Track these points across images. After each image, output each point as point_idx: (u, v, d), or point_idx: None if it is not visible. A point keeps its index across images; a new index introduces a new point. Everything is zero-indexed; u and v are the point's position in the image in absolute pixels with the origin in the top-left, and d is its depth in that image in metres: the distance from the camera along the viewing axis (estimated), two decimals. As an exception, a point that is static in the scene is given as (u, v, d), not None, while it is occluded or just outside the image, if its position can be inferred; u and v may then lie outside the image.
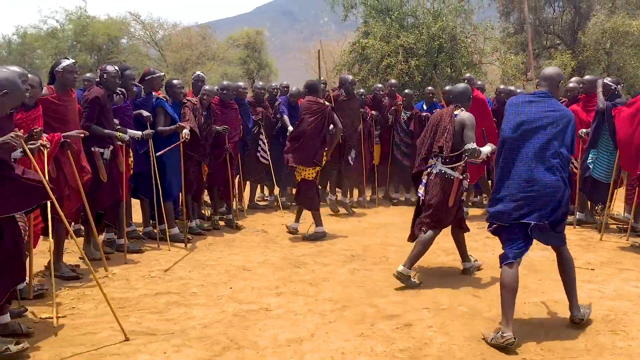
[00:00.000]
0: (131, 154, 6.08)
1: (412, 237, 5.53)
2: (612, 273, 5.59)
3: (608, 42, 15.16)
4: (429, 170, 5.24)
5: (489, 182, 9.21)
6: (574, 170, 7.49)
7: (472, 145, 4.94)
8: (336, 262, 5.87)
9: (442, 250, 6.43)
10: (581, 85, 7.69)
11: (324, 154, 7.00)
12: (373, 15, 11.96)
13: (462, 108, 5.22)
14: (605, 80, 6.93)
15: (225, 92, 7.43)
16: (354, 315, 4.37)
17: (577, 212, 7.62)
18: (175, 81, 6.81)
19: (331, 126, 7.03)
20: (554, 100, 4.11)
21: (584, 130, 7.12)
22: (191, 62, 28.14)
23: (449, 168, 5.12)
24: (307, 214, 7.21)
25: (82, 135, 4.83)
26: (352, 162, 8.63)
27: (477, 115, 5.95)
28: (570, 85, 7.95)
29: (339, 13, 12.96)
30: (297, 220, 7.18)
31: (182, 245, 6.44)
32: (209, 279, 5.25)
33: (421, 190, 5.28)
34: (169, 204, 6.59)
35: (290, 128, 8.23)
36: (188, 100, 6.82)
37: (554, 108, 4.05)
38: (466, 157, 5.02)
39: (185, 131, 6.33)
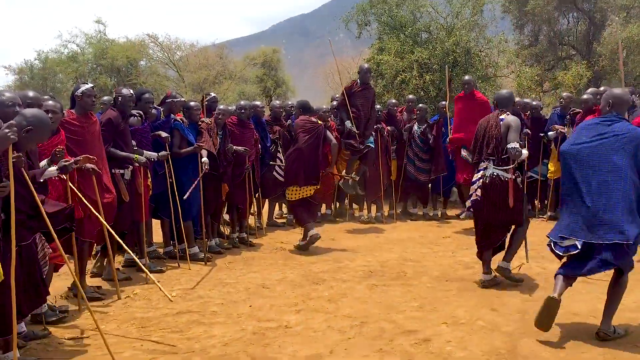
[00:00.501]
0: (149, 175, 6.19)
1: (480, 253, 5.67)
2: (633, 285, 5.51)
3: (624, 52, 15.08)
4: (481, 173, 5.48)
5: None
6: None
7: (513, 144, 5.19)
8: (354, 279, 5.91)
9: (461, 264, 6.44)
10: (598, 97, 7.68)
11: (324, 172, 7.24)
12: (387, 32, 12.07)
13: (507, 112, 5.54)
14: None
15: (242, 111, 7.54)
16: (372, 331, 4.40)
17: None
18: (192, 103, 6.95)
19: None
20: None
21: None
22: (209, 82, 28.53)
23: (501, 170, 5.35)
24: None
25: (92, 160, 4.88)
26: (372, 146, 8.68)
27: (480, 115, 6.51)
28: (585, 96, 7.95)
29: (354, 30, 13.10)
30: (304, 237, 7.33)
31: (202, 264, 6.53)
32: (229, 297, 5.32)
33: (479, 192, 5.46)
34: (189, 223, 6.70)
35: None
36: (202, 121, 6.95)
37: None
38: (512, 158, 5.26)
39: (205, 160, 6.47)
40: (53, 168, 4.23)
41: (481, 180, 5.46)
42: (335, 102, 9.60)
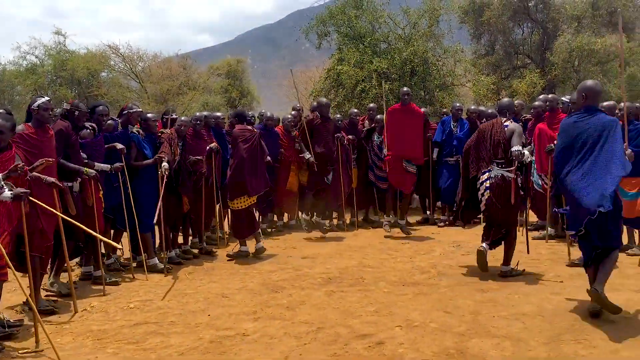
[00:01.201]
0: (100, 188, 6.13)
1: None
2: (581, 285, 5.74)
3: (576, 60, 15.62)
4: (486, 175, 6.07)
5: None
6: (545, 186, 7.74)
7: (517, 147, 5.83)
8: (313, 286, 5.99)
9: (418, 269, 6.58)
10: (547, 104, 7.97)
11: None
12: (346, 43, 12.25)
13: (509, 119, 6.21)
14: (563, 98, 7.19)
15: (197, 122, 7.55)
16: (328, 336, 4.48)
17: (548, 227, 7.82)
18: (149, 115, 6.96)
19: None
20: None
21: (551, 145, 7.35)
22: (172, 93, 28.32)
23: (505, 171, 5.97)
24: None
25: (50, 163, 4.91)
26: (328, 183, 8.74)
27: (413, 128, 8.33)
28: (536, 103, 8.23)
29: (314, 41, 13.25)
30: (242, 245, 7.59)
31: (162, 275, 6.53)
32: (187, 307, 5.34)
33: (487, 194, 6.06)
34: (147, 234, 6.69)
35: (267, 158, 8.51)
36: (162, 132, 6.96)
37: None
38: (517, 160, 5.86)
39: (165, 165, 6.47)
40: (8, 194, 4.19)
41: (488, 181, 6.05)
42: (294, 112, 9.72)
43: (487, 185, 6.06)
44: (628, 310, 4.86)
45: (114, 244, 5.30)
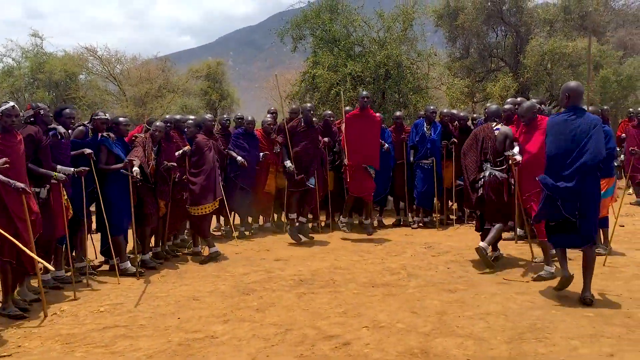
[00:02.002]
0: (65, 193, 6.06)
1: (478, 227, 7.08)
2: (546, 284, 5.91)
3: (548, 64, 15.89)
4: (482, 174, 6.71)
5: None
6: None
7: (512, 151, 6.42)
8: (284, 288, 6.05)
9: (388, 270, 6.68)
10: (516, 107, 8.10)
11: None
12: (321, 46, 12.33)
13: (500, 123, 6.81)
14: (533, 101, 7.34)
15: (168, 125, 7.57)
16: (295, 337, 4.55)
17: (517, 228, 7.96)
18: (121, 119, 6.97)
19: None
20: None
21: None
22: (151, 95, 28.17)
23: (497, 171, 6.62)
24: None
25: (7, 162, 4.90)
26: (312, 186, 8.77)
27: (371, 133, 8.67)
28: (506, 106, 8.37)
29: (289, 44, 13.32)
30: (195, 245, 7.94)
31: (134, 278, 6.55)
32: (158, 311, 5.37)
33: (481, 191, 6.73)
34: (119, 238, 6.71)
35: (239, 159, 8.58)
36: (137, 135, 6.98)
37: None
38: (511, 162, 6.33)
39: (136, 169, 6.49)
40: None
41: (482, 180, 6.69)
42: (270, 115, 9.77)
43: (481, 183, 6.70)
44: (588, 309, 5.01)
45: (47, 265, 5.20)
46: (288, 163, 8.46)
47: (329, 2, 12.68)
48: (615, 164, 7.38)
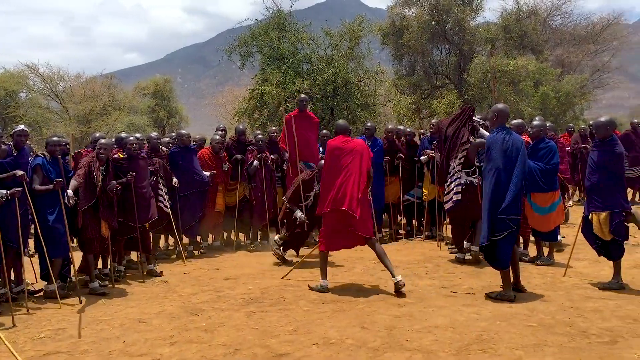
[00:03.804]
0: None
1: (458, 242, 7.84)
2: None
3: (490, 81, 16.42)
4: (457, 181, 7.42)
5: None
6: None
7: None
8: (233, 307, 5.96)
9: (338, 285, 6.68)
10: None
11: None
12: (269, 63, 12.36)
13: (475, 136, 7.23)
14: (475, 118, 7.56)
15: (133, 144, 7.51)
16: (245, 357, 4.49)
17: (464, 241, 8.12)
18: (54, 138, 6.72)
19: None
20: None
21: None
22: (95, 113, 27.57)
23: (472, 178, 7.37)
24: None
25: None
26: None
27: (311, 132, 9.13)
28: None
29: (237, 61, 13.30)
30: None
31: (77, 302, 6.32)
32: (102, 335, 5.20)
33: (456, 197, 7.43)
34: (57, 260, 6.48)
35: (174, 180, 8.49)
36: (77, 152, 6.78)
37: None
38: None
39: (69, 192, 6.31)
40: None
41: (459, 187, 7.38)
42: (220, 132, 9.65)
43: (458, 189, 7.38)
44: (531, 319, 5.14)
45: None
46: (298, 213, 7.96)
47: (277, 20, 12.75)
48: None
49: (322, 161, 7.23)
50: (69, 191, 6.31)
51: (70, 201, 6.32)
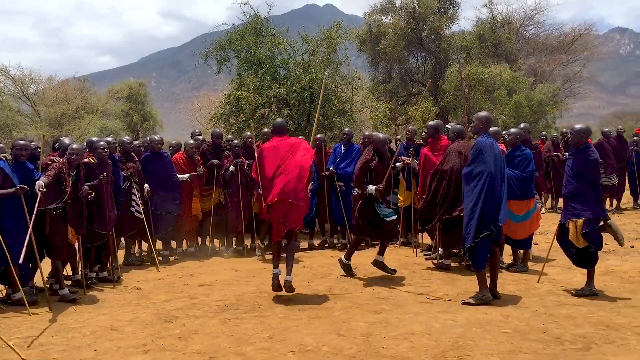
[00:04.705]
0: None
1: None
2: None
3: (465, 88, 16.60)
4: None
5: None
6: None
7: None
8: (208, 314, 5.88)
9: (314, 292, 6.65)
10: (426, 130, 8.39)
11: None
12: (245, 68, 12.31)
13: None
14: (447, 126, 7.61)
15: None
16: (219, 365, 4.42)
17: (439, 249, 8.16)
18: (21, 142, 6.57)
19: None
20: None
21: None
22: (67, 117, 27.13)
23: None
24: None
25: None
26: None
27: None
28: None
29: (213, 66, 13.22)
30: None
31: (47, 310, 6.16)
32: (73, 343, 5.07)
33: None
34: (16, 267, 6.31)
35: (146, 186, 8.38)
36: (52, 160, 6.63)
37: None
38: None
39: (40, 183, 6.11)
40: None
41: None
42: (199, 137, 9.56)
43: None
44: (506, 325, 5.18)
45: None
46: (372, 187, 7.29)
47: (254, 25, 12.71)
48: None
49: None
50: (40, 181, 6.11)
51: (40, 190, 6.08)
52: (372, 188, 7.24)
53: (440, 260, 7.83)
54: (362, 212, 7.35)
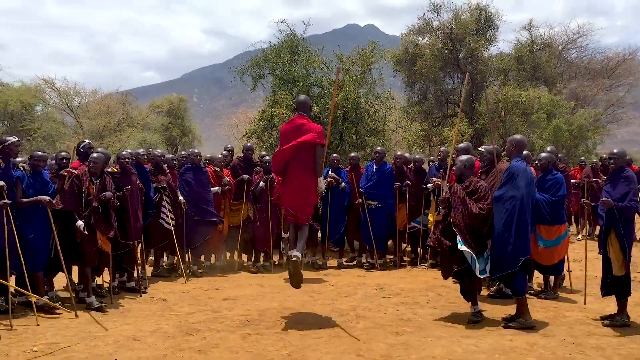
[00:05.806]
0: None
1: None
2: (492, 328, 5.92)
3: (502, 111, 16.40)
4: None
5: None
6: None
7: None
8: (229, 328, 5.89)
9: (337, 311, 6.59)
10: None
11: None
12: (280, 86, 12.43)
13: None
14: (480, 149, 7.50)
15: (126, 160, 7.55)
16: (236, 380, 4.41)
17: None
18: (39, 153, 6.72)
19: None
20: None
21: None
22: (109, 129, 27.86)
23: None
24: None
25: None
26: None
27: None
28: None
29: (249, 83, 13.40)
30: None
31: (73, 316, 6.28)
32: (95, 351, 5.14)
33: None
34: (38, 274, 6.45)
35: (180, 198, 8.49)
36: (68, 170, 6.79)
37: None
38: None
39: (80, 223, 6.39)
40: None
41: None
42: (225, 152, 9.70)
43: None
44: (531, 354, 5.03)
45: None
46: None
47: (290, 43, 12.85)
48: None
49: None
50: (80, 222, 6.51)
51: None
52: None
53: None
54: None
